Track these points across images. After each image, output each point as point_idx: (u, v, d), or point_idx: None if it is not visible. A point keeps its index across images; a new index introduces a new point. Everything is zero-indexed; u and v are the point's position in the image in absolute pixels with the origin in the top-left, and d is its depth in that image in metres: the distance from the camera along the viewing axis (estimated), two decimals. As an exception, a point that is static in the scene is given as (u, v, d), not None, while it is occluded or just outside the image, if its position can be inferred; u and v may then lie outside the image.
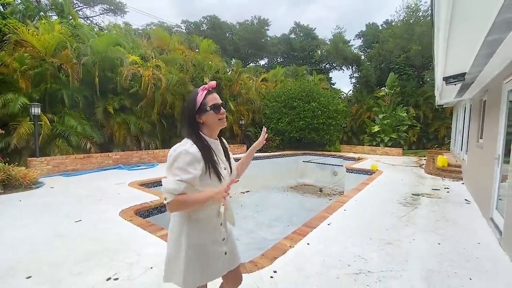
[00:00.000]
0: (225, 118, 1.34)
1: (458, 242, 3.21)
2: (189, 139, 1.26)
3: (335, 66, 25.81)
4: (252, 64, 27.32)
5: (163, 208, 4.49)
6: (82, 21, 16.49)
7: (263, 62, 29.22)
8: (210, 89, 1.32)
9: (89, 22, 19.26)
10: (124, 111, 9.10)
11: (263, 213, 7.46)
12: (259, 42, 26.52)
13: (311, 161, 12.12)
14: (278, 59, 28.51)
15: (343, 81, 63.84)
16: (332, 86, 22.99)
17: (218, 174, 1.28)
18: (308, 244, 3.04)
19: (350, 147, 15.22)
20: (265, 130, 1.63)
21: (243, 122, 13.31)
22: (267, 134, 1.99)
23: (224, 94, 12.58)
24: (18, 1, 9.96)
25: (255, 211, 7.55)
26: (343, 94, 20.31)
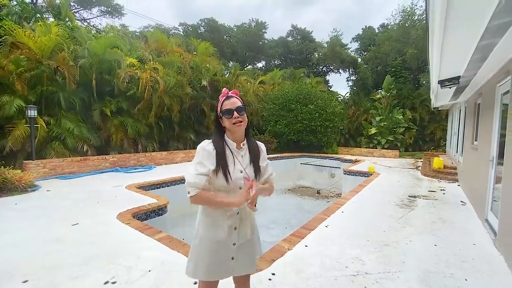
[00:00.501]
0: (241, 122, 1.36)
1: (454, 243, 3.25)
2: (210, 139, 1.40)
3: (332, 68, 25.97)
4: (249, 66, 27.38)
5: (161, 211, 4.49)
6: (79, 23, 16.46)
7: (261, 65, 29.33)
8: (228, 95, 1.39)
9: (86, 24, 19.21)
10: (121, 114, 9.07)
11: (261, 215, 7.42)
12: (257, 44, 26.66)
13: (309, 163, 12.13)
14: (276, 62, 28.62)
15: (340, 83, 64.38)
16: (329, 88, 23.14)
17: (225, 175, 1.32)
18: (306, 246, 3.06)
19: (348, 149, 15.27)
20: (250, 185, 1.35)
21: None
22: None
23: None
24: (14, 2, 9.90)
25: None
26: (340, 97, 20.45)
